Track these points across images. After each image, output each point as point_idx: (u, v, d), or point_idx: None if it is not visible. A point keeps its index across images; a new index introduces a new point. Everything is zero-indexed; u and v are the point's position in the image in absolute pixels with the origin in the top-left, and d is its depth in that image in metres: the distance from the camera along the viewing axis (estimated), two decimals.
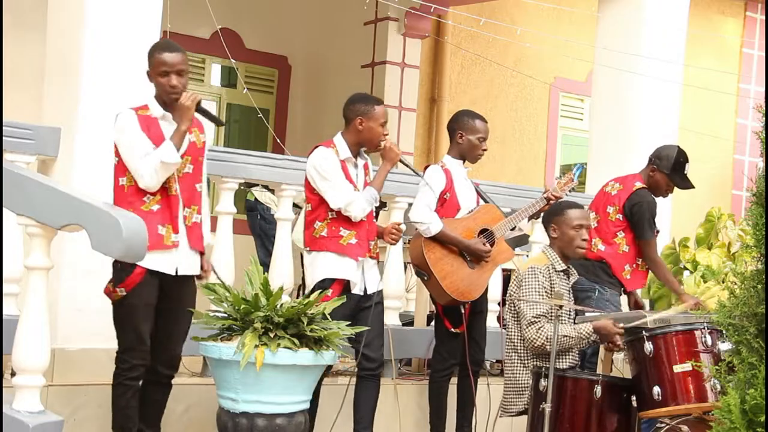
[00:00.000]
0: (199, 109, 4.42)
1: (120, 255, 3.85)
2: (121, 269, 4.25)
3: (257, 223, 7.46)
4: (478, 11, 8.96)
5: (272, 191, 6.94)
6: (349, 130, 5.02)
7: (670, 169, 5.86)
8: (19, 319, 3.92)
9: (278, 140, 7.84)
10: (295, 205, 5.82)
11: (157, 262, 4.29)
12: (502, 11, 9.60)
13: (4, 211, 4.05)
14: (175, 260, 4.37)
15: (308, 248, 4.99)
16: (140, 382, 4.36)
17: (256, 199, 7.46)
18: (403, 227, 5.23)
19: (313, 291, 4.84)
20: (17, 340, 3.87)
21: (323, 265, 4.92)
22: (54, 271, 4.08)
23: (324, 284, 4.87)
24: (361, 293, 4.99)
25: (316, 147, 5.01)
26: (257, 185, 6.95)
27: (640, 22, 7.43)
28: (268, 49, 9.60)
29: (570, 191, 5.61)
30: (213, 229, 5.35)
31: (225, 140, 9.42)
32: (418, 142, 9.44)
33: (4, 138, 4.59)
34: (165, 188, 4.34)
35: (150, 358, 4.38)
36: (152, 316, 4.34)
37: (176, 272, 4.38)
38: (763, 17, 11.19)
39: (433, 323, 6.26)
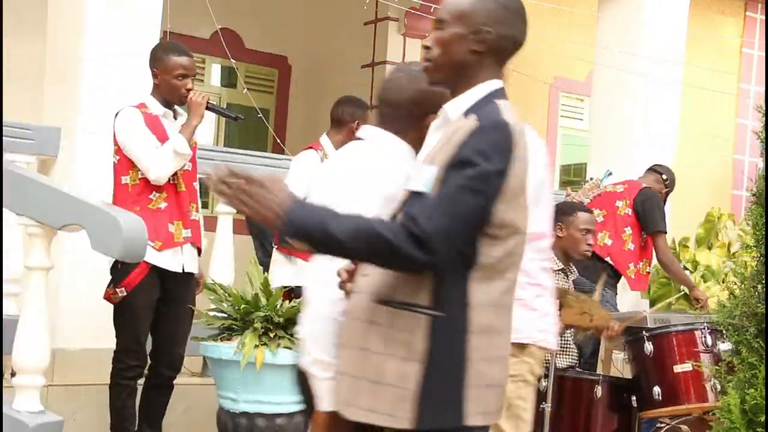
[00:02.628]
0: (211, 107, 4.43)
1: (120, 255, 3.84)
2: (121, 270, 4.25)
3: (255, 223, 7.45)
4: None
5: None
6: (340, 131, 5.01)
7: (671, 190, 6.25)
8: (19, 319, 3.91)
9: (278, 140, 7.82)
10: None
11: (166, 260, 4.31)
12: None
13: (4, 211, 4.05)
14: (181, 257, 4.39)
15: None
16: (137, 382, 4.36)
17: None
18: None
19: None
20: (17, 340, 3.87)
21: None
22: (54, 271, 4.07)
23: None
24: None
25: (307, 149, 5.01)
26: None
27: (640, 22, 7.43)
28: (268, 49, 9.59)
29: (591, 197, 5.74)
30: (213, 229, 5.36)
31: (225, 140, 9.41)
32: None
33: (4, 138, 4.59)
34: (173, 185, 4.34)
35: (146, 359, 4.38)
36: (151, 316, 4.34)
37: (182, 270, 4.39)
38: (763, 17, 11.17)
39: None
